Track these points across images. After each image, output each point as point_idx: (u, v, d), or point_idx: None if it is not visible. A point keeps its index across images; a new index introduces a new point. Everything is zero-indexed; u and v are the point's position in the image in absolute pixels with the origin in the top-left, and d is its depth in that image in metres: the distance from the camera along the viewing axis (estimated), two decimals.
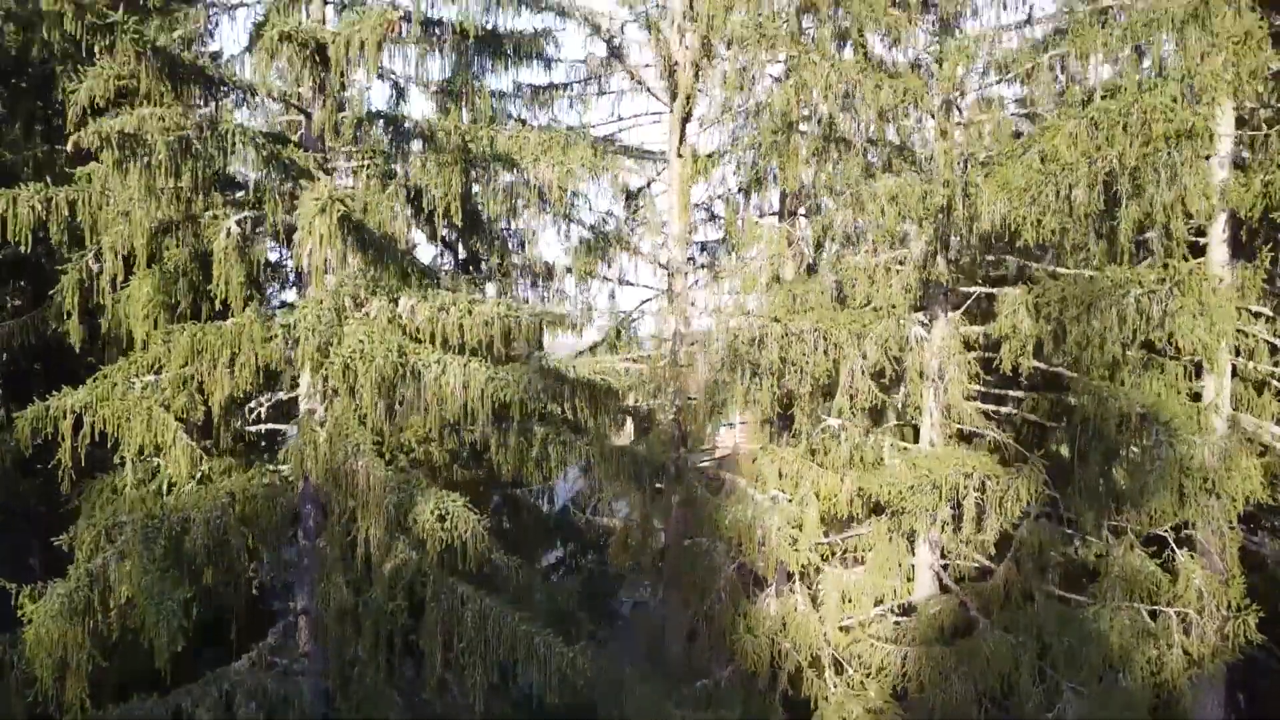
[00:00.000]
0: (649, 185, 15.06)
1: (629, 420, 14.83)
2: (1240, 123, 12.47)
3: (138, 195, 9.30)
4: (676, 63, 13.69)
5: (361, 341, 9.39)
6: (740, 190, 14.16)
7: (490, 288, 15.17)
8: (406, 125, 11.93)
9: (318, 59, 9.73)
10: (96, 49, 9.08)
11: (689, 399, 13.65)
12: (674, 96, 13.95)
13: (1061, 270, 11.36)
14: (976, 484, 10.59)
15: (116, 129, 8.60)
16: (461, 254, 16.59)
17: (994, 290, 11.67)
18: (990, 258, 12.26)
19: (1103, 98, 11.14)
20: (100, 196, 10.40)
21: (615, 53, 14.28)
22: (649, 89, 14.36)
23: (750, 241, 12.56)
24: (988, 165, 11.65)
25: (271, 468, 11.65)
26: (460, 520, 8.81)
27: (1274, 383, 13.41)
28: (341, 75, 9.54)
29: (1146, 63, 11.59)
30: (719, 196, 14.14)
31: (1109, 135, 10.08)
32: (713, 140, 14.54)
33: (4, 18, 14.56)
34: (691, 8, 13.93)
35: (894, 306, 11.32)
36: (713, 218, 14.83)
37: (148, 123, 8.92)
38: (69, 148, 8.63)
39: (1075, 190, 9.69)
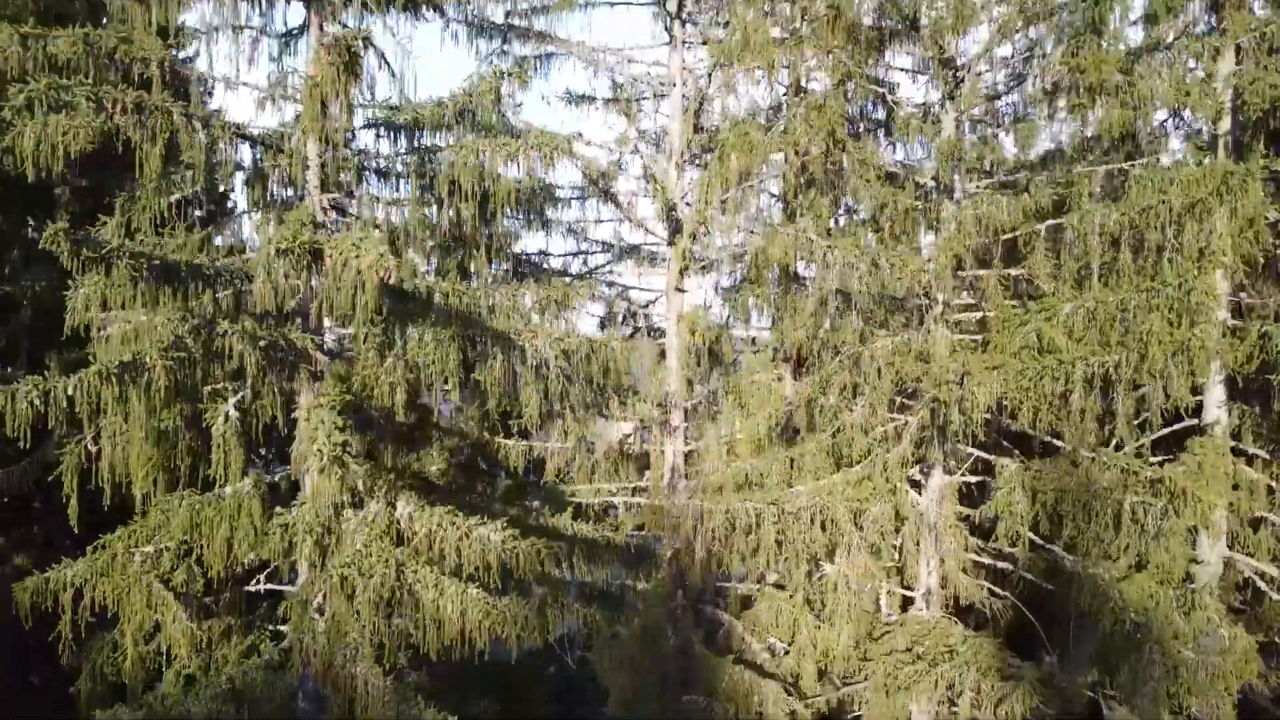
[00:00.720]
0: (649, 311, 15.07)
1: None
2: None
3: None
4: (674, 204, 13.68)
5: (360, 552, 9.42)
6: (740, 325, 14.19)
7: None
8: (405, 288, 11.94)
9: (314, 262, 9.76)
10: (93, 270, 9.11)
11: (692, 523, 13.65)
12: (673, 233, 13.93)
13: (1057, 443, 11.38)
14: (972, 684, 10.65)
15: (115, 363, 8.61)
16: None
17: (991, 458, 11.70)
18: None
19: (1100, 275, 11.17)
20: (99, 387, 10.41)
21: (612, 199, 14.28)
22: (647, 229, 14.36)
23: (749, 403, 12.58)
24: (984, 328, 11.72)
25: (272, 628, 11.76)
26: None
27: (1272, 520, 13.45)
28: (338, 278, 9.53)
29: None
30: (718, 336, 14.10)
31: (1105, 327, 10.12)
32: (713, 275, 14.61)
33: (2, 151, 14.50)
34: (689, 147, 13.95)
35: (889, 479, 11.34)
36: (712, 352, 14.82)
37: (145, 342, 8.94)
38: (69, 390, 8.62)
39: (1072, 394, 9.69)
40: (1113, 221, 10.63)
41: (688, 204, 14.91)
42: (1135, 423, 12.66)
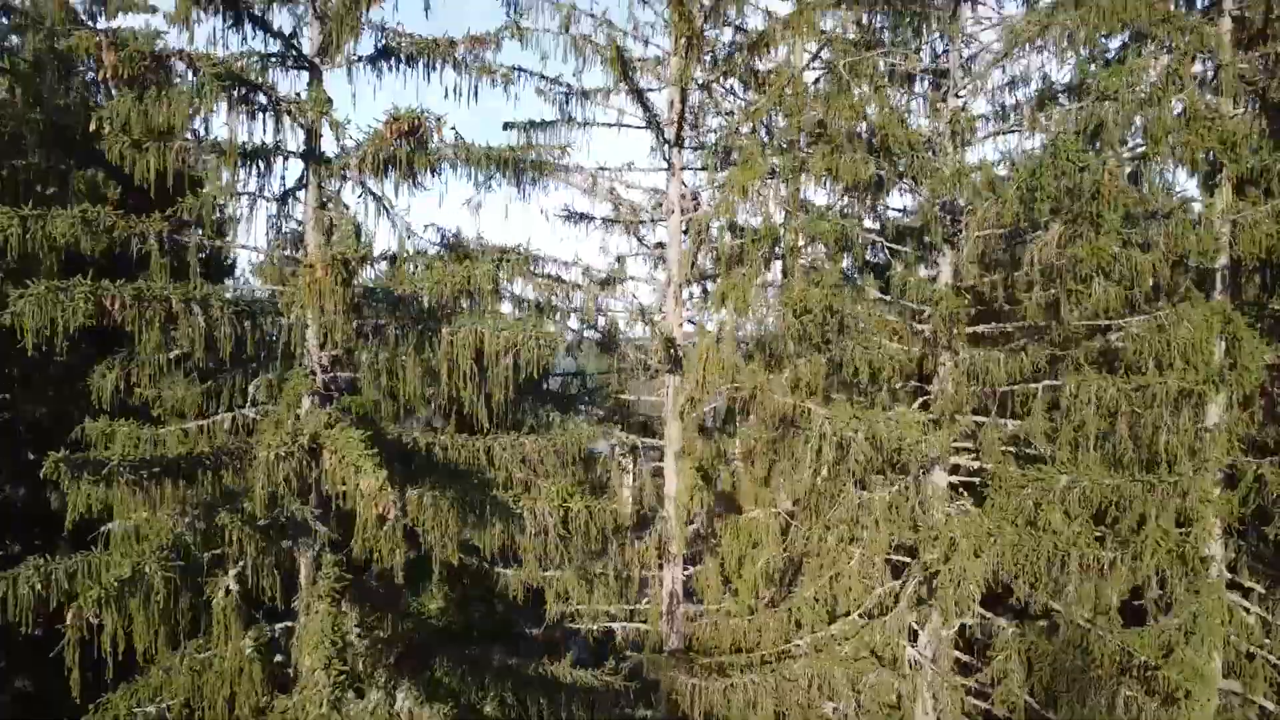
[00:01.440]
0: (649, 439, 15.07)
1: None
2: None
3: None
4: (673, 338, 13.70)
5: None
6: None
7: None
8: (404, 442, 11.99)
9: (314, 459, 9.82)
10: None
11: (689, 698, 13.67)
12: (673, 362, 13.95)
13: (1054, 606, 11.43)
14: None
15: (115, 581, 8.68)
16: None
17: (988, 614, 11.75)
18: None
19: (1097, 440, 11.18)
20: (100, 566, 10.47)
21: (612, 340, 14.31)
22: (647, 360, 14.39)
23: (747, 540, 12.63)
24: (980, 474, 11.76)
25: None
26: None
27: (1266, 655, 13.49)
28: (338, 483, 9.58)
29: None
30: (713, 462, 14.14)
31: (1101, 504, 10.16)
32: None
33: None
34: (687, 280, 13.97)
35: (888, 640, 11.40)
36: (709, 479, 14.85)
37: (145, 554, 9.01)
38: (70, 614, 8.69)
39: (1068, 584, 9.74)
40: (1109, 396, 10.64)
41: (691, 321, 14.96)
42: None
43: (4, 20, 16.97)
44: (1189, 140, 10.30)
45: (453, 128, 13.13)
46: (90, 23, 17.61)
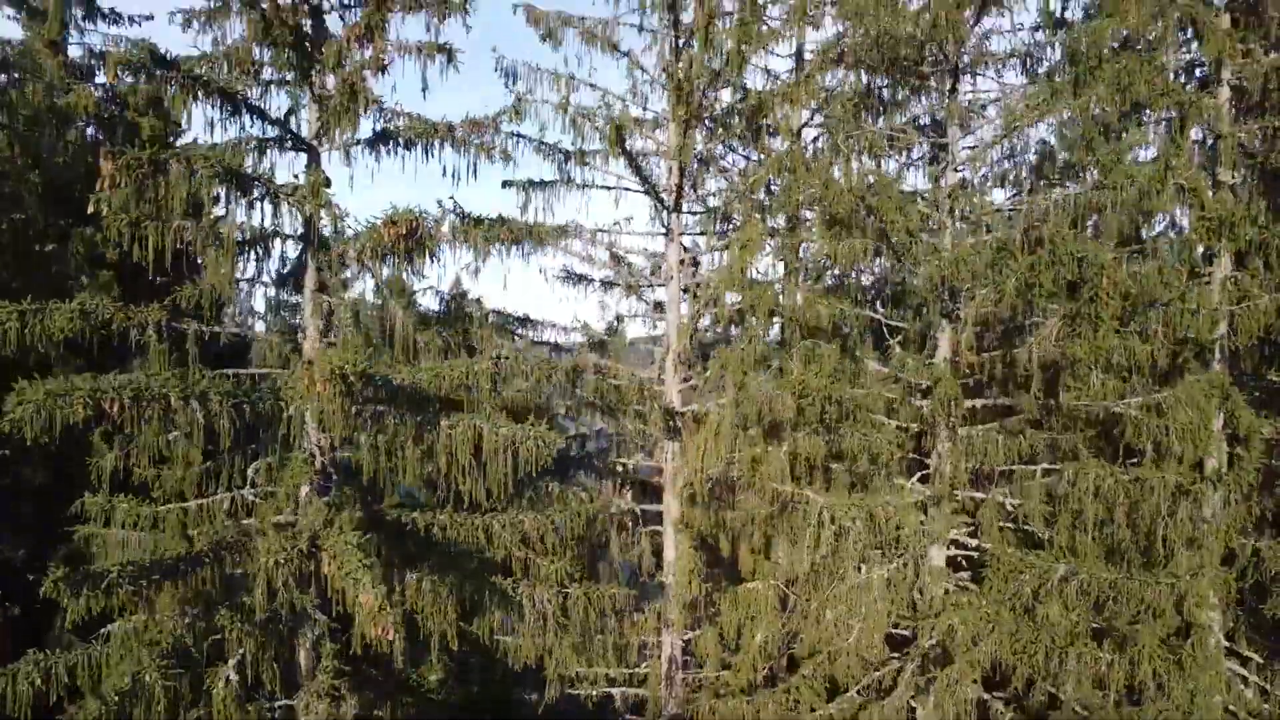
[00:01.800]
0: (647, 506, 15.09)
1: None
2: None
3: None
4: (673, 407, 13.71)
5: None
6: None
7: None
8: (403, 522, 12.02)
9: (310, 559, 9.84)
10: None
11: None
12: (672, 431, 13.97)
13: (1053, 690, 11.45)
14: None
15: (115, 695, 8.72)
16: None
17: (988, 694, 11.78)
18: None
19: (1095, 528, 11.20)
20: (102, 657, 10.51)
21: (611, 408, 14.34)
22: (648, 430, 14.42)
23: (746, 611, 12.67)
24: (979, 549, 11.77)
25: None
26: None
27: None
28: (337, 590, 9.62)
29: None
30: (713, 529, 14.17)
31: (1099, 597, 10.18)
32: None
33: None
34: (686, 348, 13.98)
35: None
36: (706, 544, 14.88)
37: (144, 663, 9.07)
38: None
39: (1066, 677, 9.77)
40: (1107, 486, 10.66)
41: (691, 384, 14.95)
42: None
43: (2, 76, 16.97)
44: (1188, 239, 10.30)
45: (451, 196, 13.14)
46: (88, 76, 17.60)
